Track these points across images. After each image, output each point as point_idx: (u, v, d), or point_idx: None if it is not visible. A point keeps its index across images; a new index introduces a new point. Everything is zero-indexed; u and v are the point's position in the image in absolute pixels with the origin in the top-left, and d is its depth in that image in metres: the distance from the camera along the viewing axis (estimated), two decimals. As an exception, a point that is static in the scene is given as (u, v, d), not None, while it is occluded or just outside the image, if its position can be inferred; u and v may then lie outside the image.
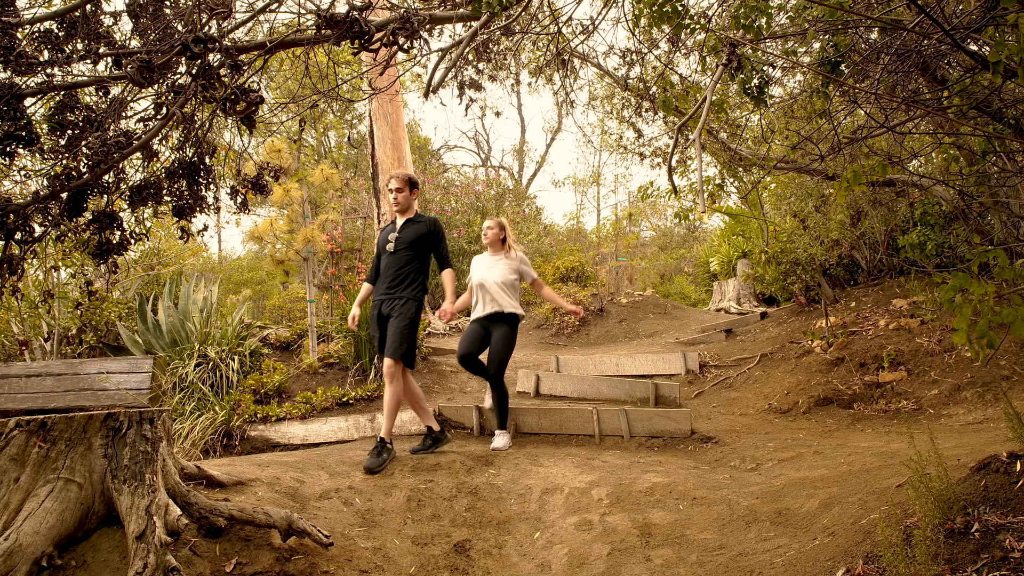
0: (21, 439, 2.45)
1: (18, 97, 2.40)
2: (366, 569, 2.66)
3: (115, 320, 6.81)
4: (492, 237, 4.64)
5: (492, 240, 4.64)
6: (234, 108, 2.47)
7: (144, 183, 3.03)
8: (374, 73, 7.47)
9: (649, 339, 8.90)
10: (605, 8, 4.17)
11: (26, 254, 2.79)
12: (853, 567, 1.96)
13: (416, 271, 4.12)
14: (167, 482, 2.66)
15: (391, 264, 4.12)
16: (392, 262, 4.12)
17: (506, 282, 4.49)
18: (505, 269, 4.54)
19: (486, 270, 4.57)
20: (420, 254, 4.16)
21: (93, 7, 2.75)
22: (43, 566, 2.21)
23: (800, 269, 7.14)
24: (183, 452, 5.10)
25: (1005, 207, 5.01)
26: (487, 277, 4.53)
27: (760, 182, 6.51)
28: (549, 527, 3.18)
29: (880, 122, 3.59)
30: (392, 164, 10.10)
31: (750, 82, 2.60)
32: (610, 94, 8.26)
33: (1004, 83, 2.57)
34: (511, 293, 4.49)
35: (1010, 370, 4.56)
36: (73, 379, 4.66)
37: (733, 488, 3.32)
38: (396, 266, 4.10)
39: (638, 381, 5.73)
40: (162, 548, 2.24)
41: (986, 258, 1.69)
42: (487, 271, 4.56)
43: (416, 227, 4.17)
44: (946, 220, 5.29)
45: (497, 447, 4.32)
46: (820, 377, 5.46)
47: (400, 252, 4.12)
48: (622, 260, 13.64)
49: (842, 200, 2.63)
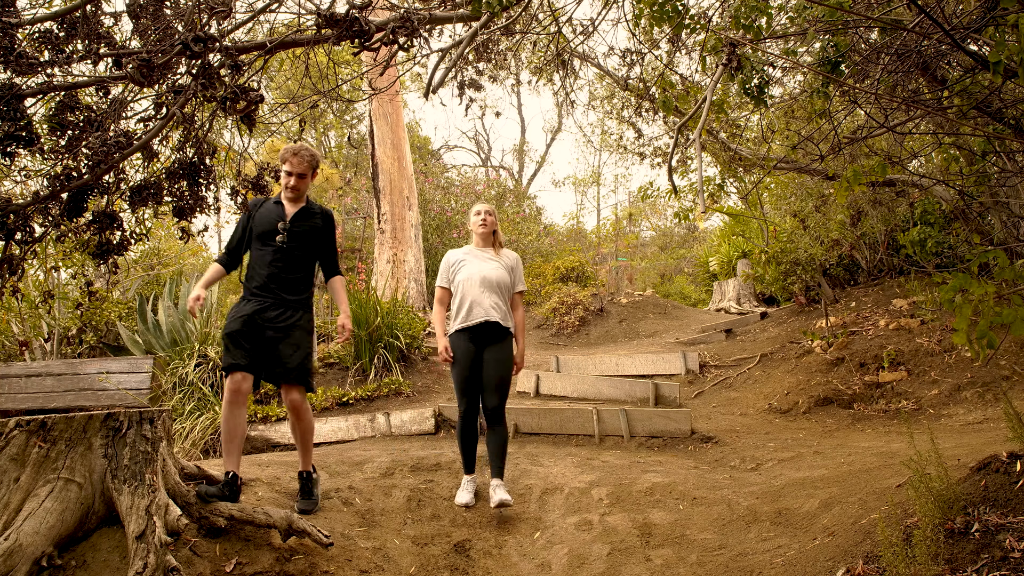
0: (21, 439, 2.45)
1: (18, 97, 2.41)
2: (366, 569, 2.66)
3: (115, 320, 6.81)
4: (490, 225, 3.62)
5: (487, 230, 3.62)
6: (234, 107, 2.47)
7: (144, 183, 3.04)
8: (374, 73, 7.47)
9: (649, 339, 8.89)
10: (605, 8, 4.17)
11: (26, 254, 2.79)
12: (853, 567, 1.96)
13: (307, 273, 3.30)
14: (167, 482, 2.66)
15: (277, 260, 3.15)
16: (278, 258, 3.16)
17: (502, 285, 3.50)
18: (500, 269, 3.54)
19: (476, 267, 3.52)
20: (312, 254, 3.31)
21: (93, 7, 2.75)
22: (43, 566, 2.21)
23: (800, 269, 7.15)
24: (183, 452, 5.10)
25: (1005, 207, 5.02)
26: (479, 275, 3.47)
27: (760, 182, 6.51)
28: (549, 527, 3.18)
29: (880, 122, 3.59)
30: (392, 164, 10.11)
31: (750, 82, 2.61)
32: (610, 94, 8.27)
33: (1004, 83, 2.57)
34: (505, 301, 3.53)
35: (1010, 370, 4.56)
36: (73, 379, 4.66)
37: (733, 488, 3.32)
38: (284, 264, 3.16)
39: (638, 381, 5.73)
40: (162, 548, 2.24)
41: (986, 258, 1.69)
42: (477, 268, 3.51)
43: (312, 220, 3.29)
44: (946, 219, 5.29)
45: (504, 501, 3.24)
46: (820, 377, 5.46)
47: (292, 248, 3.18)
48: (622, 260, 13.65)
49: (842, 200, 2.63)
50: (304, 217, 3.26)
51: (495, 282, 3.48)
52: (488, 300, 3.42)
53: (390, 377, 6.22)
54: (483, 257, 3.58)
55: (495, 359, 3.41)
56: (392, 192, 9.99)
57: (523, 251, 14.02)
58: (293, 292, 3.17)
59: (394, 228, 9.87)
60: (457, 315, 3.47)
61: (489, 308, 3.41)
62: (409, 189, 10.28)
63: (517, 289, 3.59)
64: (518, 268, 3.64)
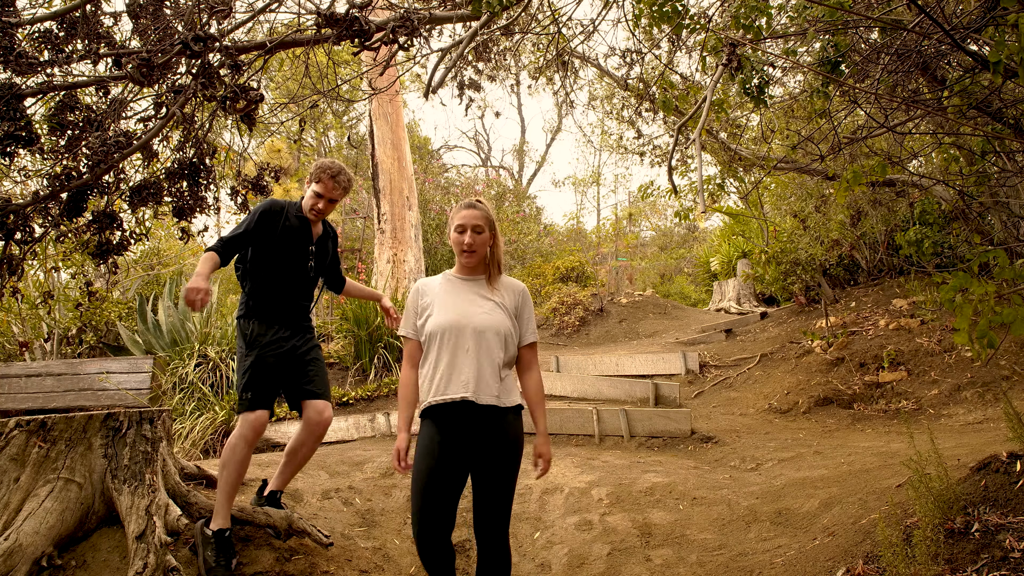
0: (21, 439, 2.45)
1: (18, 97, 2.41)
2: (366, 569, 2.66)
3: (115, 320, 6.82)
4: (481, 246, 2.24)
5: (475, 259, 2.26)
6: (234, 106, 2.47)
7: (144, 183, 3.03)
8: (374, 73, 7.47)
9: (649, 339, 8.90)
10: (605, 9, 4.17)
11: (26, 254, 2.79)
12: (853, 567, 1.96)
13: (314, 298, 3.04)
14: (167, 482, 2.66)
15: (303, 286, 2.88)
16: (304, 284, 2.88)
17: (501, 337, 2.18)
18: (497, 311, 2.22)
19: (457, 308, 2.20)
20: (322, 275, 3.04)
21: (93, 7, 2.75)
22: (43, 566, 2.21)
23: (800, 269, 7.15)
24: (183, 452, 5.10)
25: (1005, 207, 5.02)
26: (462, 322, 2.17)
27: (760, 182, 6.51)
28: (549, 527, 3.17)
29: (880, 122, 3.59)
30: (392, 164, 10.11)
31: (750, 82, 2.61)
32: (610, 94, 8.27)
33: (1004, 83, 2.57)
34: (506, 362, 2.20)
35: (1010, 370, 4.56)
36: (73, 379, 4.65)
37: (733, 488, 3.32)
38: (308, 290, 2.93)
39: (638, 381, 5.73)
40: (162, 548, 2.24)
41: (986, 258, 1.69)
42: (459, 310, 2.20)
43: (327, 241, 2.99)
44: (945, 219, 5.29)
45: None
46: (820, 377, 5.46)
47: (316, 275, 2.94)
48: (622, 260, 13.65)
49: (842, 200, 2.63)
50: (324, 239, 2.96)
51: (488, 332, 2.14)
52: (472, 364, 2.09)
53: (390, 377, 6.22)
54: (469, 291, 2.23)
55: (488, 465, 2.08)
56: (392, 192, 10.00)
57: (523, 251, 13.99)
58: (309, 317, 2.95)
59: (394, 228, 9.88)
60: (426, 385, 2.16)
61: (473, 378, 2.08)
62: (409, 189, 10.29)
63: (527, 341, 2.26)
64: (526, 308, 2.28)
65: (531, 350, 2.28)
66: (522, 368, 2.28)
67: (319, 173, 2.74)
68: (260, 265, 2.78)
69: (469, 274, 2.27)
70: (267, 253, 2.77)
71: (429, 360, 2.16)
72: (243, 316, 2.77)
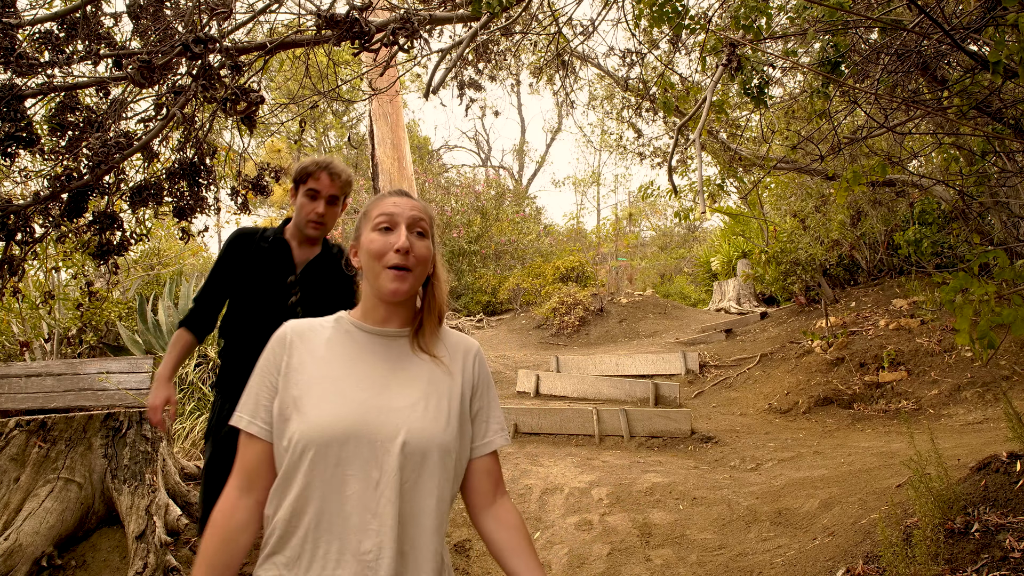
0: (21, 439, 2.45)
1: (19, 98, 2.41)
2: (366, 569, 2.66)
3: (115, 320, 6.82)
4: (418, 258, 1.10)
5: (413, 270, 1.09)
6: (234, 108, 2.47)
7: (144, 184, 3.04)
8: (374, 73, 7.47)
9: (649, 339, 8.89)
10: (605, 9, 4.17)
11: (27, 255, 2.80)
12: (853, 567, 1.96)
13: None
14: (167, 482, 2.66)
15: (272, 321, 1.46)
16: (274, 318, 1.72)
17: (451, 452, 1.07)
18: (437, 396, 1.08)
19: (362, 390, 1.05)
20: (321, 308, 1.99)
21: (94, 8, 2.75)
22: (43, 566, 2.21)
23: (800, 269, 7.15)
24: (183, 452, 5.10)
25: (1005, 207, 5.02)
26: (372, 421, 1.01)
27: (760, 182, 6.51)
28: (549, 527, 3.18)
29: (880, 122, 3.59)
30: (392, 164, 10.11)
31: (750, 82, 2.61)
32: (610, 94, 8.27)
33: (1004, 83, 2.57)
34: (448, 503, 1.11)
35: (1010, 370, 4.56)
36: (73, 379, 4.65)
37: (733, 488, 3.32)
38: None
39: (638, 381, 5.73)
40: (162, 548, 2.24)
41: (986, 258, 1.69)
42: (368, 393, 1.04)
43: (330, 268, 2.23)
44: (944, 219, 5.29)
45: None
46: (820, 377, 5.46)
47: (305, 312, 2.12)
48: (622, 260, 13.65)
49: (842, 200, 2.63)
50: (319, 264, 2.18)
51: (429, 449, 1.04)
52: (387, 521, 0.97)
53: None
54: (384, 355, 1.11)
55: None
56: (392, 192, 10.01)
57: (523, 251, 13.97)
58: None
59: (394, 228, 9.89)
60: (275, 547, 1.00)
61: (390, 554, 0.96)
62: (409, 189, 10.29)
63: (488, 449, 1.19)
64: (484, 385, 1.18)
65: (494, 462, 1.20)
66: (482, 499, 1.20)
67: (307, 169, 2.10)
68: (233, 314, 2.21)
69: (384, 322, 1.13)
70: (239, 296, 2.18)
71: (289, 497, 0.99)
72: (214, 385, 2.25)
